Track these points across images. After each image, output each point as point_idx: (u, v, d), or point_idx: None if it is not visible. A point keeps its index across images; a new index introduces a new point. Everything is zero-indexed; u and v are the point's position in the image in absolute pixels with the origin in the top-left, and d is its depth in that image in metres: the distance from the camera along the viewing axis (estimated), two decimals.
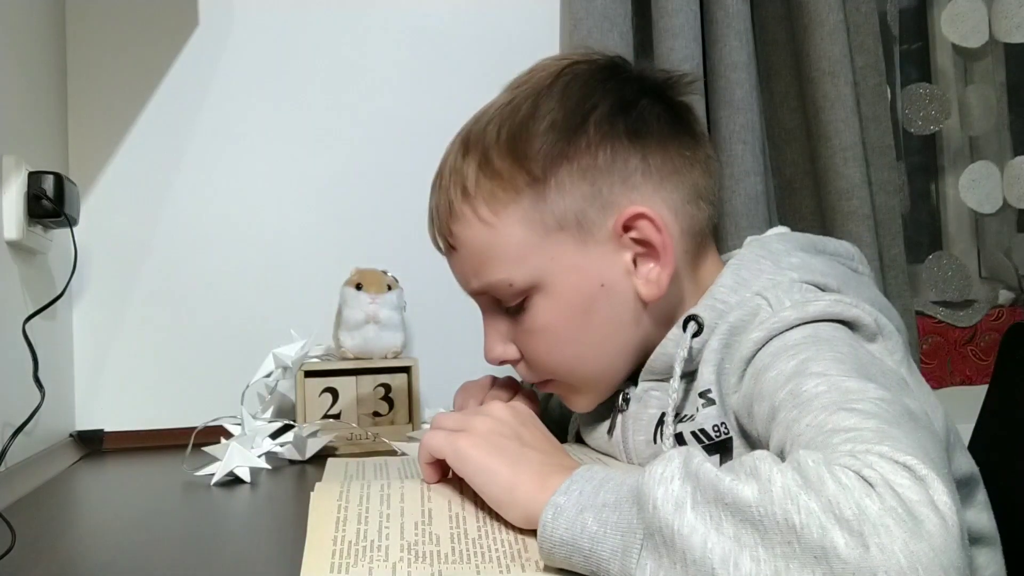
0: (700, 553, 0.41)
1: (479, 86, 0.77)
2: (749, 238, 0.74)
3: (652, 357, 0.69)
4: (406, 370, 1.06)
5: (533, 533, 0.55)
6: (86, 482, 0.95)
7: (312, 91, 1.25)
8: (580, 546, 0.47)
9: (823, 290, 0.63)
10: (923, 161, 1.57)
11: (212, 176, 1.22)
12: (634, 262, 0.68)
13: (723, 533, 0.41)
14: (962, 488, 0.62)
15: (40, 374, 0.89)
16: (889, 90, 1.42)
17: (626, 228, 0.67)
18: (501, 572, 0.50)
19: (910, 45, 1.56)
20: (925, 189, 1.58)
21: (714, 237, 0.74)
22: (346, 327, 1.05)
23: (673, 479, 0.44)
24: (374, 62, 1.27)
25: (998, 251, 1.49)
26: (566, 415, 0.85)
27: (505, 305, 0.71)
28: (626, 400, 0.73)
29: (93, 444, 1.12)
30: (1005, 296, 1.51)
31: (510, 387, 0.86)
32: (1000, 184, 1.47)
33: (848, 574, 0.37)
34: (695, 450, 0.47)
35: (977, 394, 0.89)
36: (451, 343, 1.25)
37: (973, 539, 0.62)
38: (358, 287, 1.06)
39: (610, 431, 0.74)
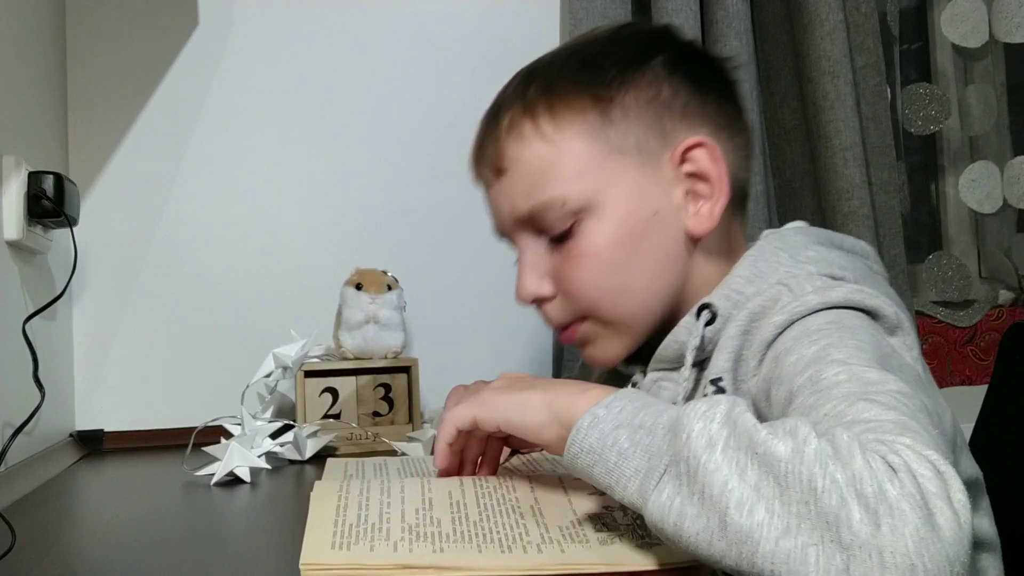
0: (719, 491, 0.42)
1: (479, 86, 0.77)
2: (766, 231, 0.74)
3: (663, 344, 0.69)
4: (406, 370, 1.06)
5: (534, 519, 0.55)
6: (86, 482, 0.95)
7: (312, 91, 1.25)
8: (606, 458, 0.49)
9: (841, 281, 0.63)
10: (923, 161, 1.57)
11: (212, 176, 1.22)
12: (686, 198, 0.69)
13: (745, 480, 0.42)
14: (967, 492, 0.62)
15: (40, 374, 0.89)
16: (889, 90, 1.42)
17: (683, 160, 0.68)
18: (502, 552, 0.50)
19: (910, 45, 1.56)
20: (925, 189, 1.58)
21: (744, 211, 0.76)
22: (346, 327, 1.05)
23: (714, 419, 0.45)
24: (374, 62, 1.27)
25: (998, 251, 1.49)
26: None
27: (550, 233, 0.69)
28: (633, 388, 0.72)
29: (93, 444, 1.13)
30: (1005, 296, 1.51)
31: None
32: (1000, 184, 1.47)
33: (855, 547, 0.38)
34: (741, 400, 0.47)
35: (977, 394, 0.89)
36: (451, 343, 1.26)
37: (975, 544, 0.62)
38: (358, 287, 1.06)
39: None
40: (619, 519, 0.55)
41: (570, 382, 0.59)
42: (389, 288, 1.07)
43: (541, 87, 0.70)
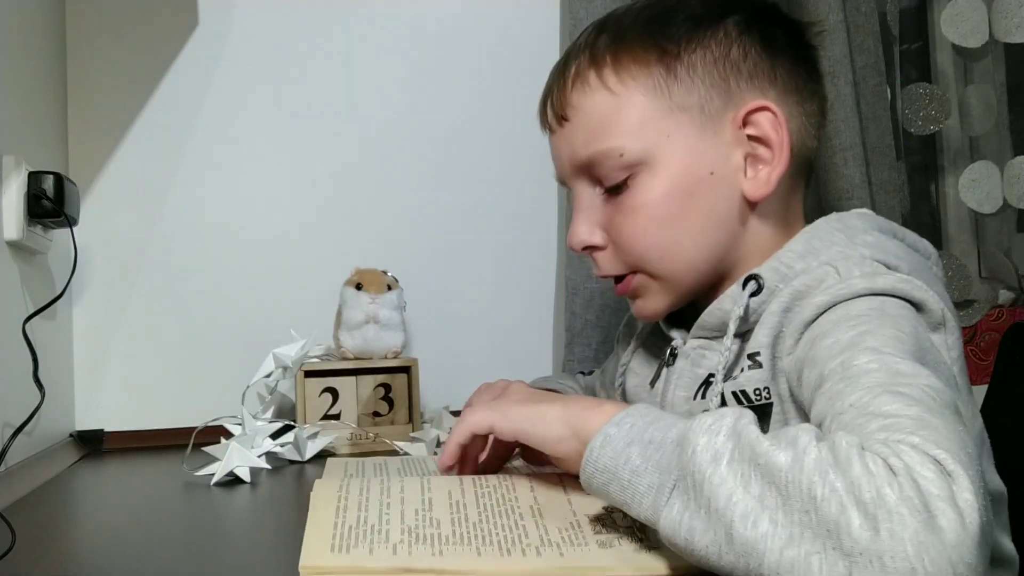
0: (724, 504, 0.42)
1: (479, 86, 0.77)
2: (832, 213, 0.73)
3: (707, 311, 0.69)
4: (406, 370, 1.06)
5: (533, 520, 0.55)
6: (86, 482, 0.95)
7: (312, 91, 1.25)
8: (620, 476, 0.49)
9: (893, 270, 0.62)
10: (923, 161, 1.57)
11: (212, 176, 1.22)
12: (745, 161, 0.68)
13: (749, 491, 0.42)
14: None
15: (40, 374, 0.89)
16: (889, 90, 1.42)
17: (745, 123, 0.68)
18: (501, 555, 0.50)
19: (910, 45, 1.56)
20: (925, 189, 1.58)
21: (808, 183, 0.75)
22: (346, 327, 1.05)
23: (719, 433, 0.45)
24: (374, 62, 1.27)
25: (998, 251, 1.49)
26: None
27: (606, 183, 0.70)
28: (673, 355, 0.73)
29: (93, 444, 1.13)
30: (1005, 296, 1.51)
31: None
32: (1000, 184, 1.47)
33: (856, 553, 0.38)
34: (748, 412, 0.47)
35: (977, 394, 0.89)
36: (451, 343, 1.26)
37: (993, 560, 0.61)
38: (358, 287, 1.06)
39: (652, 382, 0.75)
40: (619, 520, 0.55)
41: (585, 398, 0.61)
42: (389, 288, 1.07)
43: (610, 38, 0.70)
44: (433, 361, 1.16)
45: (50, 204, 0.95)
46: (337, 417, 1.03)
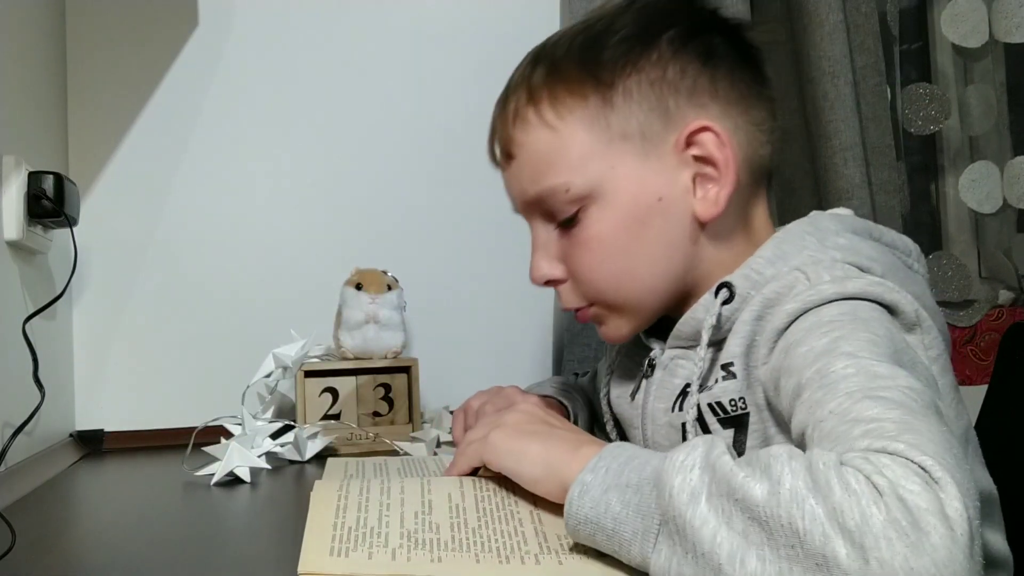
0: (709, 547, 0.42)
1: (479, 86, 0.77)
2: (814, 212, 0.72)
3: (681, 321, 0.68)
4: (406, 370, 1.06)
5: (532, 527, 0.55)
6: (86, 482, 0.95)
7: (312, 91, 1.25)
8: (603, 525, 0.49)
9: (867, 273, 0.62)
10: (923, 161, 1.57)
11: (212, 176, 1.22)
12: (693, 182, 0.67)
13: (733, 528, 0.42)
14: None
15: (40, 374, 0.89)
16: (889, 90, 1.43)
17: (688, 144, 0.66)
18: (500, 563, 0.50)
19: (910, 45, 1.56)
20: (925, 189, 1.58)
21: (769, 187, 0.73)
22: (346, 327, 1.05)
23: (693, 468, 0.45)
24: (374, 62, 1.27)
25: (998, 251, 1.49)
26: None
27: (558, 218, 0.69)
28: (651, 366, 0.72)
29: (93, 444, 1.13)
30: (1005, 296, 1.51)
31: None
32: (1000, 184, 1.47)
33: None
34: (719, 440, 0.47)
35: (977, 394, 0.89)
36: (451, 343, 1.26)
37: (987, 562, 0.61)
38: (358, 287, 1.06)
39: (633, 395, 0.74)
40: None
41: (567, 435, 0.61)
42: (389, 288, 1.07)
43: (545, 71, 0.69)
44: (433, 361, 1.16)
45: (50, 204, 0.95)
46: (337, 417, 1.03)
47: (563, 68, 0.68)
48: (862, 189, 1.26)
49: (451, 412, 1.05)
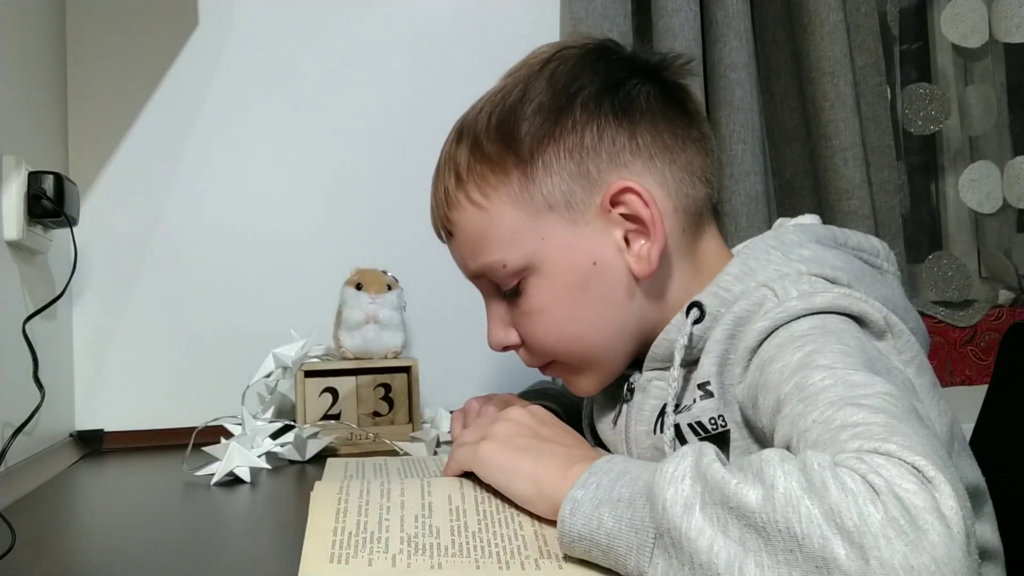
0: (706, 557, 0.42)
1: (479, 86, 0.77)
2: (779, 220, 0.72)
3: (655, 343, 0.68)
4: (406, 370, 1.06)
5: (532, 530, 0.55)
6: (86, 482, 0.95)
7: (312, 91, 1.25)
8: (598, 541, 0.48)
9: (833, 283, 0.62)
10: (923, 161, 1.57)
11: (212, 176, 1.22)
12: (626, 240, 0.67)
13: (729, 536, 0.41)
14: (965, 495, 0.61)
15: (40, 374, 0.89)
16: (889, 90, 1.43)
17: (614, 204, 0.66)
18: (500, 568, 0.49)
19: (910, 45, 1.56)
20: (925, 189, 1.58)
21: (716, 217, 0.73)
22: (346, 327, 1.05)
23: (684, 479, 0.45)
24: (374, 62, 1.27)
25: (998, 251, 1.49)
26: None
27: (503, 289, 0.71)
28: (630, 390, 0.72)
29: (93, 444, 1.13)
30: (1005, 296, 1.51)
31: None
32: (1000, 184, 1.47)
33: None
34: (708, 447, 0.47)
35: (977, 394, 0.89)
36: (451, 343, 1.25)
37: (979, 554, 0.61)
38: (358, 287, 1.06)
39: (615, 421, 0.74)
40: None
41: (559, 451, 0.59)
42: (389, 288, 1.07)
43: (468, 150, 0.70)
44: (433, 361, 1.15)
45: (50, 204, 0.95)
46: (337, 417, 1.03)
47: (484, 145, 0.69)
48: (862, 189, 1.26)
49: (451, 412, 1.05)
